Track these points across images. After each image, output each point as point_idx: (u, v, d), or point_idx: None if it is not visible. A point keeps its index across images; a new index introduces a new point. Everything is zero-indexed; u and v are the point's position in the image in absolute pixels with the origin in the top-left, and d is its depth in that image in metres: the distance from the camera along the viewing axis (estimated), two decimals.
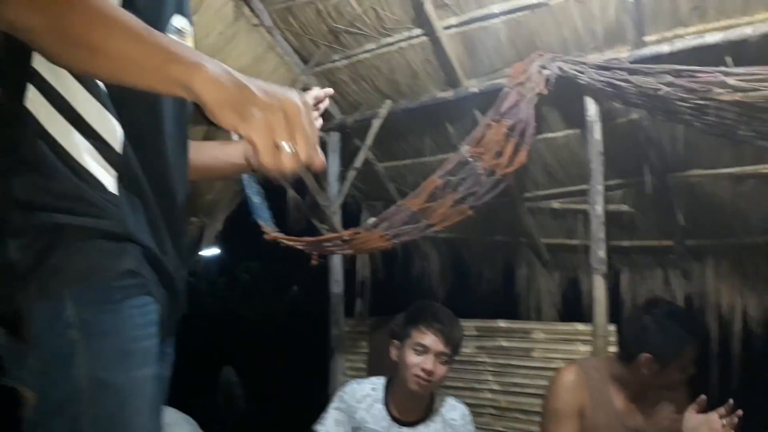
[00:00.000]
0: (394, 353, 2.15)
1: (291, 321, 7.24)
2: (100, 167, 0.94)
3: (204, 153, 1.31)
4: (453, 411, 2.22)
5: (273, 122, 0.74)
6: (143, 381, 0.95)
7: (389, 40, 2.86)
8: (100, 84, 0.94)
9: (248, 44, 2.94)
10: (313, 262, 3.00)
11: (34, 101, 0.91)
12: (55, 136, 0.90)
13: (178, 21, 1.07)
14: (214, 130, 2.92)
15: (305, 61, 3.11)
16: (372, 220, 2.79)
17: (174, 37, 1.05)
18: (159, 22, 1.01)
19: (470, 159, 2.69)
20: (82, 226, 0.91)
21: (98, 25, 0.78)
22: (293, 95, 0.77)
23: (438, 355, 2.06)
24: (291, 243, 2.77)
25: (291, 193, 3.52)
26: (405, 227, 2.74)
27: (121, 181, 0.96)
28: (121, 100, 0.95)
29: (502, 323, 3.04)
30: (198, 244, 3.75)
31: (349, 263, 3.79)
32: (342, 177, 3.46)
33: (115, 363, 0.91)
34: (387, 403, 2.19)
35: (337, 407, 2.20)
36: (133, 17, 0.79)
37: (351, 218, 3.92)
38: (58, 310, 0.87)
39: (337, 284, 3.48)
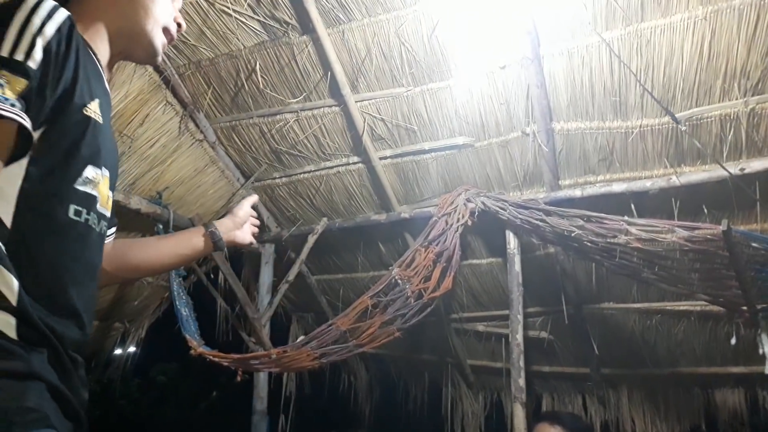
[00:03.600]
0: None
1: (208, 430, 6.89)
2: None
3: (151, 250, 1.40)
4: None
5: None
6: None
7: (328, 164, 3.01)
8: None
9: (191, 157, 3.02)
10: (238, 378, 2.97)
11: None
12: None
13: (90, 171, 1.12)
14: None
15: (246, 176, 3.21)
16: (302, 337, 2.81)
17: (86, 188, 1.11)
18: (70, 178, 1.08)
19: (400, 281, 2.79)
20: None
21: None
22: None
23: None
24: (217, 359, 2.74)
25: (221, 303, 3.51)
26: (333, 346, 2.77)
27: (21, 327, 0.98)
28: (23, 264, 1.01)
29: None
30: (113, 347, 3.65)
31: (276, 377, 3.73)
32: (274, 288, 3.49)
33: None
34: None
35: None
36: None
37: (280, 329, 3.91)
38: None
39: (260, 401, 3.41)
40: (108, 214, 1.21)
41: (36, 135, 1.00)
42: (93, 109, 1.13)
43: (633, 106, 2.37)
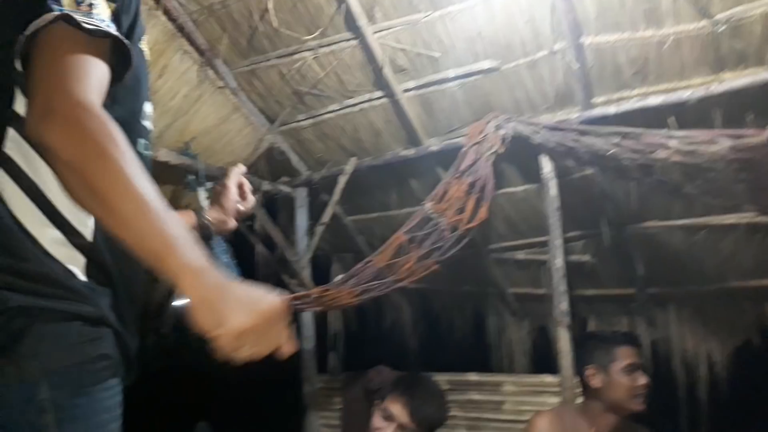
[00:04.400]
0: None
1: (266, 373, 7.16)
2: (69, 255, 0.95)
3: None
4: None
5: (243, 333, 0.82)
6: None
7: (351, 101, 2.94)
8: None
9: (214, 106, 2.99)
10: None
11: (5, 185, 0.93)
12: (23, 220, 0.92)
13: (147, 107, 1.12)
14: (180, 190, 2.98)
15: (271, 120, 3.18)
16: (340, 277, 2.82)
17: (146, 122, 1.11)
18: (136, 111, 1.08)
19: (433, 216, 2.75)
20: (59, 310, 0.92)
21: (119, 185, 0.83)
22: (273, 303, 0.85)
23: (401, 427, 2.07)
24: None
25: (260, 248, 3.54)
26: (373, 283, 2.77)
27: (90, 267, 0.97)
28: None
29: (472, 377, 3.05)
30: (167, 300, 3.73)
31: (321, 317, 3.79)
32: (310, 232, 3.50)
33: None
34: None
35: None
36: (155, 191, 0.85)
37: (321, 271, 3.94)
38: (32, 393, 0.87)
39: (307, 340, 3.48)
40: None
41: None
42: (146, 43, 1.11)
43: (666, 12, 2.20)
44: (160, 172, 2.92)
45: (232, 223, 1.51)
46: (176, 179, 2.99)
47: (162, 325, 4.07)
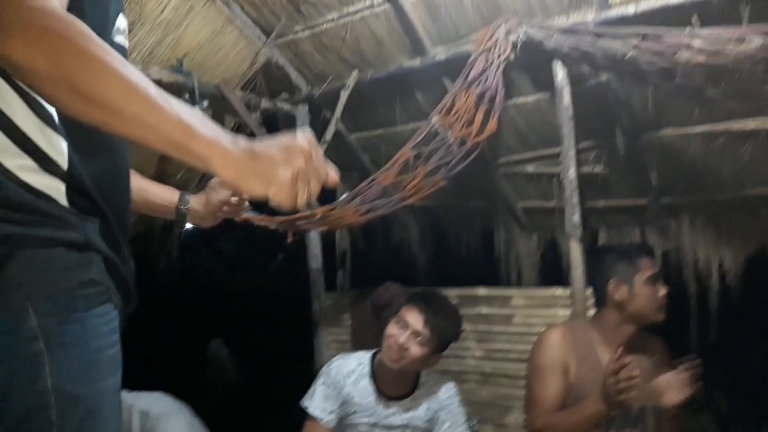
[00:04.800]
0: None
1: (277, 292, 7.24)
2: (46, 182, 0.91)
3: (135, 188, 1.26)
4: (438, 386, 2.24)
5: (294, 178, 0.81)
6: (111, 390, 0.95)
7: (351, 9, 2.77)
8: (47, 105, 0.91)
9: (205, 18, 2.83)
10: (289, 240, 2.97)
11: None
12: None
13: (121, 21, 1.03)
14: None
15: (267, 33, 3.01)
16: (345, 195, 2.76)
17: (120, 38, 1.01)
18: (105, 25, 0.98)
19: (440, 129, 2.65)
20: (42, 236, 0.89)
21: (116, 84, 0.77)
22: (300, 141, 0.83)
23: (415, 333, 2.05)
24: (263, 223, 2.73)
25: None
26: (378, 201, 2.71)
27: (71, 193, 0.93)
28: (76, 122, 0.90)
29: (482, 291, 3.04)
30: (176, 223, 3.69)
31: (328, 236, 3.76)
32: None
33: (80, 374, 0.91)
34: (374, 378, 2.20)
35: (324, 383, 2.21)
36: (144, 77, 0.79)
37: (326, 191, 3.87)
38: (21, 321, 0.86)
39: (315, 259, 3.46)
40: None
41: None
42: None
43: None
44: None
45: (209, 223, 1.44)
46: None
47: (172, 248, 4.00)
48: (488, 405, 2.89)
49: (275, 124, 3.61)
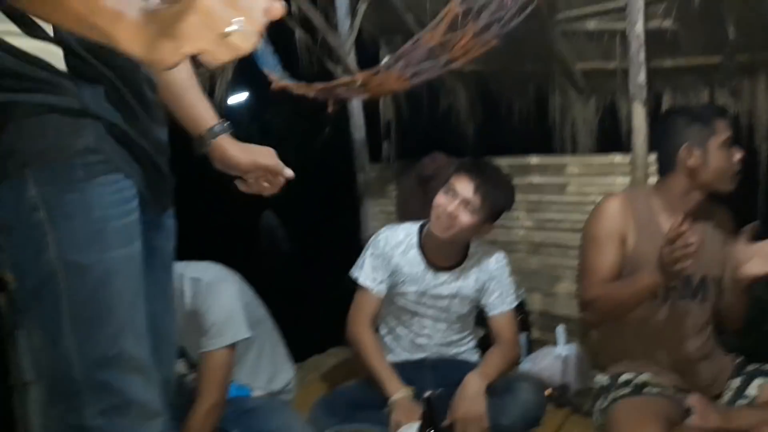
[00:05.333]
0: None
1: (324, 163, 7.24)
2: (39, 47, 0.87)
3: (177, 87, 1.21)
4: (488, 256, 2.20)
5: (209, 20, 0.64)
6: (120, 260, 0.93)
7: None
8: None
9: None
10: (329, 109, 2.84)
11: None
12: None
13: None
14: None
15: None
16: (387, 58, 2.57)
17: None
18: None
19: None
20: (34, 103, 0.86)
21: None
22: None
23: (465, 202, 1.97)
24: (301, 91, 2.60)
25: (299, 34, 3.27)
26: (424, 64, 2.51)
27: (68, 57, 0.88)
28: None
29: (534, 159, 2.89)
30: (210, 96, 3.60)
31: (372, 106, 3.61)
32: (353, 11, 3.17)
33: (86, 244, 0.89)
34: (422, 248, 2.16)
35: (372, 254, 2.19)
36: None
37: (368, 55, 3.66)
38: (21, 191, 0.84)
39: (358, 130, 3.35)
40: None
41: None
42: None
43: None
44: None
45: (236, 171, 1.29)
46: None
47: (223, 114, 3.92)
48: (537, 274, 2.84)
49: None
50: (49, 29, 0.86)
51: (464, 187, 1.98)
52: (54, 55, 0.88)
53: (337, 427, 2.00)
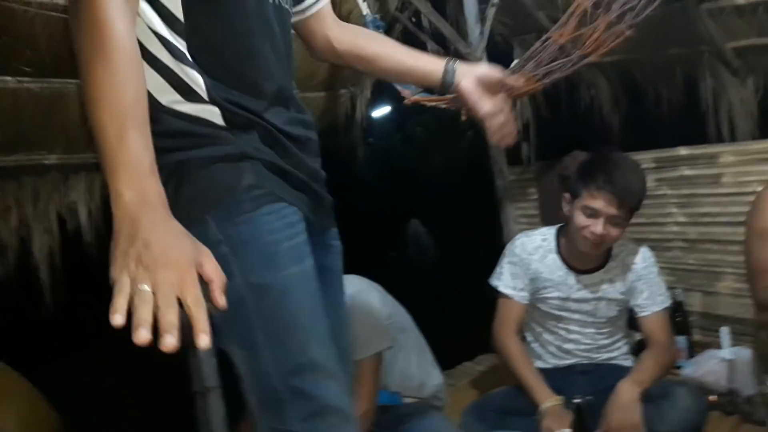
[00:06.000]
0: (566, 207, 2.03)
1: (465, 170, 7.26)
2: (199, 109, 1.02)
3: (390, 56, 1.31)
4: (633, 255, 2.11)
5: (140, 277, 0.77)
6: (296, 277, 1.04)
7: None
8: (178, 43, 1.02)
9: None
10: (463, 118, 2.87)
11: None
12: (154, 93, 0.99)
13: None
14: None
15: None
16: (515, 62, 2.56)
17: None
18: None
19: None
20: (204, 156, 1.01)
21: (96, 60, 0.85)
22: (174, 263, 0.79)
23: (609, 218, 1.90)
24: (433, 103, 2.66)
25: (431, 46, 3.33)
26: (555, 63, 2.47)
27: (225, 114, 1.03)
28: (205, 51, 1.03)
29: (683, 151, 2.72)
30: (352, 115, 3.78)
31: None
32: (482, 17, 3.18)
33: (263, 266, 1.02)
34: (560, 253, 2.13)
35: (509, 261, 2.19)
36: (135, 99, 0.87)
37: (502, 58, 3.64)
38: (206, 232, 0.97)
39: None
40: None
41: None
42: None
43: None
44: None
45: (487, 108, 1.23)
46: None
47: (356, 140, 4.09)
48: (695, 273, 2.66)
49: None
50: (204, 94, 1.01)
51: (604, 206, 1.88)
52: (213, 113, 1.02)
53: None
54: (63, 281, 2.92)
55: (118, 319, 0.73)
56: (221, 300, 0.81)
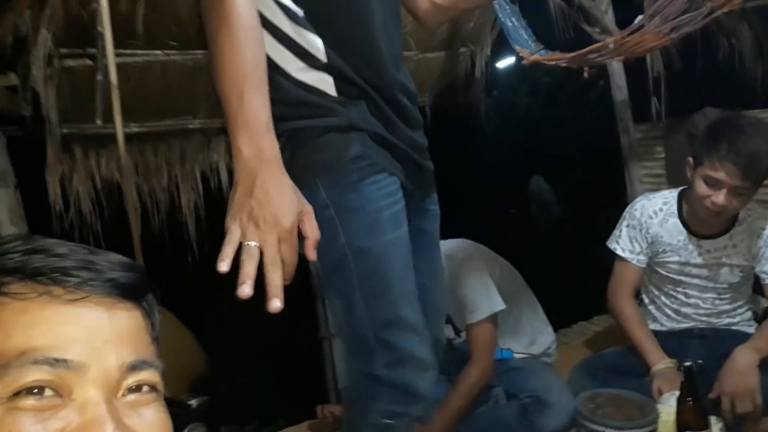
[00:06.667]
0: (689, 172, 1.95)
1: (592, 124, 6.98)
2: (316, 77, 1.11)
3: None
4: (762, 220, 2.01)
5: (243, 229, 0.91)
6: (393, 242, 1.15)
7: None
8: (296, 9, 1.08)
9: None
10: (585, 75, 2.81)
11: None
12: (276, 60, 1.08)
13: None
14: None
15: None
16: (640, 17, 2.46)
17: None
18: None
19: None
20: (316, 126, 1.11)
21: (230, 54, 0.95)
22: (281, 226, 0.90)
23: (733, 188, 1.82)
24: (554, 61, 2.63)
25: (554, 0, 3.25)
26: (684, 16, 2.35)
27: (338, 84, 1.11)
28: (321, 18, 1.10)
29: None
30: (471, 73, 3.79)
31: (637, 60, 3.42)
32: None
33: (365, 232, 1.13)
34: (682, 217, 2.08)
35: (628, 225, 2.17)
36: (257, 62, 0.97)
37: (631, 9, 3.47)
38: (316, 194, 1.08)
39: (619, 91, 3.24)
40: None
41: None
42: None
43: None
44: None
45: None
46: None
47: (476, 97, 4.10)
48: None
49: None
50: (323, 57, 1.10)
51: (728, 177, 1.78)
52: (327, 83, 1.11)
53: (596, 390, 2.05)
54: (206, 234, 3.26)
55: (223, 266, 0.86)
56: (313, 255, 0.95)
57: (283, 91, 1.07)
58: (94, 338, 0.55)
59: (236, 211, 0.92)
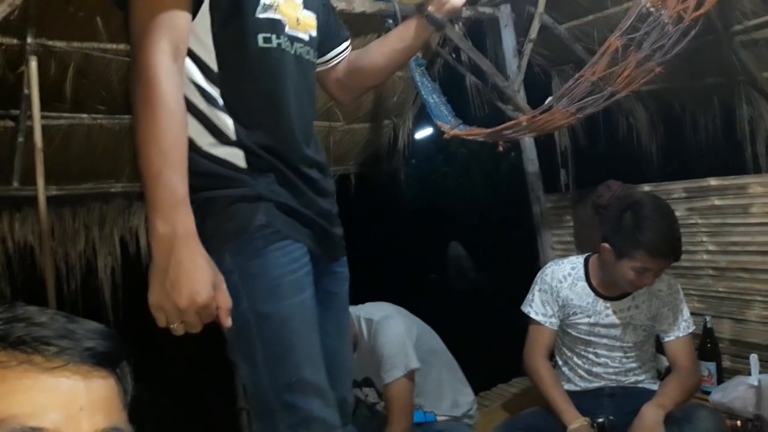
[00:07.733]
0: (608, 257, 2.08)
1: (503, 195, 7.34)
2: (227, 152, 1.17)
3: (377, 53, 1.44)
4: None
5: (166, 312, 1.00)
6: (295, 306, 1.19)
7: None
8: (212, 90, 1.15)
9: None
10: (499, 149, 3.00)
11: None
12: (191, 135, 1.13)
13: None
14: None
15: None
16: (549, 99, 2.68)
17: (268, 13, 1.18)
18: (245, 9, 1.16)
19: (651, 9, 2.40)
20: (225, 196, 1.16)
21: (150, 130, 1.02)
22: (198, 303, 0.99)
23: (658, 272, 2.02)
24: (471, 136, 2.80)
25: (470, 79, 3.49)
26: (588, 99, 2.58)
27: (248, 156, 1.17)
28: (236, 99, 1.17)
29: (713, 181, 2.78)
30: (394, 143, 3.96)
31: (547, 136, 3.69)
32: (520, 52, 3.32)
33: (267, 297, 1.16)
34: (589, 280, 2.23)
35: (540, 289, 2.30)
36: (177, 141, 1.04)
37: (541, 89, 3.77)
38: (222, 261, 1.11)
39: (531, 163, 3.45)
40: (303, 35, 1.28)
41: None
42: None
43: None
44: (360, 25, 2.93)
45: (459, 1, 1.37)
46: (378, 28, 2.99)
47: (399, 164, 4.23)
48: (725, 300, 2.70)
49: (480, 29, 3.58)
50: (233, 136, 1.16)
51: (658, 265, 1.99)
52: (237, 156, 1.17)
53: None
54: (123, 300, 3.16)
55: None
56: (227, 322, 1.03)
57: (196, 164, 1.12)
58: (70, 406, 0.57)
59: (156, 295, 0.99)
